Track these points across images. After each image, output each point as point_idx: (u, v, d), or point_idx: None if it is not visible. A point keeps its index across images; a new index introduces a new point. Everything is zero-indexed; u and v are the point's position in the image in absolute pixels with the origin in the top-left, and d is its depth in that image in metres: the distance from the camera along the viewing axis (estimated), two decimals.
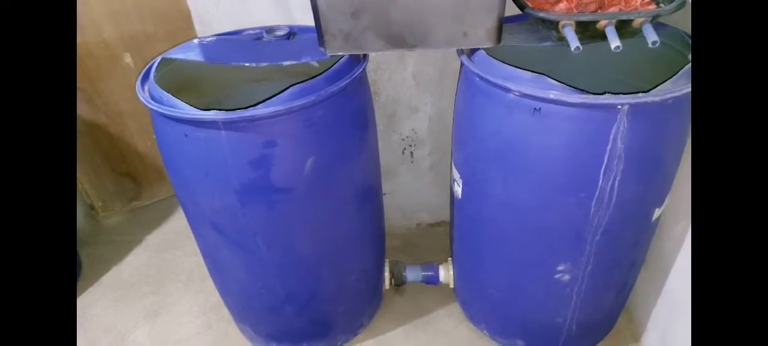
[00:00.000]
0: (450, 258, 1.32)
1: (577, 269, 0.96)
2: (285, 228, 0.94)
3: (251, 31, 1.10)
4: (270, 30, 1.07)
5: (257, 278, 1.04)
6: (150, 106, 0.82)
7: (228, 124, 0.78)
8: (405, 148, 1.44)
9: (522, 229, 0.95)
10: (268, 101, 0.79)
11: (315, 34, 1.05)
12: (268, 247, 0.96)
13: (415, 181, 1.51)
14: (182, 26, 1.54)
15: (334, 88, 0.84)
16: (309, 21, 1.06)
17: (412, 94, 1.32)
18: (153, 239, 1.75)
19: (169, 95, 0.82)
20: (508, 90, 0.81)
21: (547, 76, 0.78)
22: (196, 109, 0.78)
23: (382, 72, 1.28)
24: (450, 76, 1.28)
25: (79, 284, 1.56)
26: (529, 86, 0.78)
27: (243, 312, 1.20)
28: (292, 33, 1.07)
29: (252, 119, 0.78)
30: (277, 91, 0.80)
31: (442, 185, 1.51)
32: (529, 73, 0.79)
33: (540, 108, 0.79)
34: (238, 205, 0.88)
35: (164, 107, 0.80)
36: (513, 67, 0.81)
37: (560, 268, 0.97)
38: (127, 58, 1.58)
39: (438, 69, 1.28)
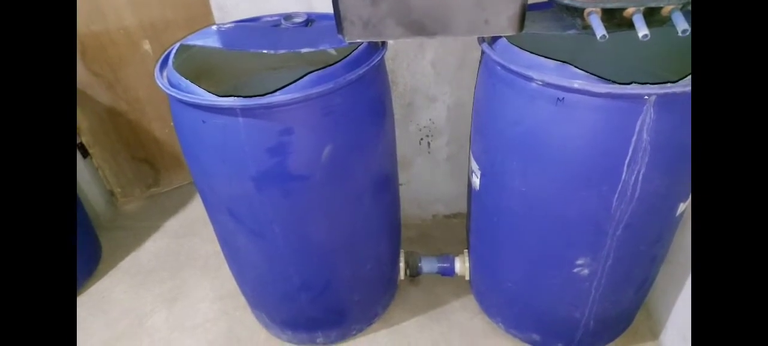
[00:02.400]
0: (466, 250, 1.31)
1: (597, 263, 0.94)
2: (301, 216, 0.94)
3: (269, 18, 1.10)
4: (288, 17, 1.07)
5: (273, 266, 1.04)
6: (168, 92, 0.82)
7: (246, 111, 0.78)
8: (422, 139, 1.43)
9: (541, 221, 0.93)
10: (286, 88, 0.78)
11: (333, 21, 1.05)
12: (284, 234, 0.96)
13: (432, 172, 1.50)
14: (201, 13, 1.55)
15: (352, 76, 0.83)
16: (327, 8, 1.05)
17: (430, 84, 1.30)
18: (171, 225, 1.78)
19: (188, 81, 0.82)
20: (530, 79, 0.79)
21: (572, 64, 0.76)
22: (214, 96, 0.78)
23: (401, 60, 1.27)
24: (469, 66, 1.26)
25: (99, 268, 1.59)
26: (552, 75, 0.76)
27: (258, 299, 1.22)
28: (310, 20, 1.06)
29: (269, 106, 0.78)
30: (295, 79, 0.79)
31: (459, 176, 1.49)
32: (553, 61, 0.77)
33: (563, 98, 0.77)
34: (254, 192, 0.88)
35: (182, 93, 0.80)
36: (535, 56, 0.79)
37: (579, 262, 0.95)
38: (146, 45, 1.59)
39: (457, 58, 1.26)
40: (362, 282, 1.16)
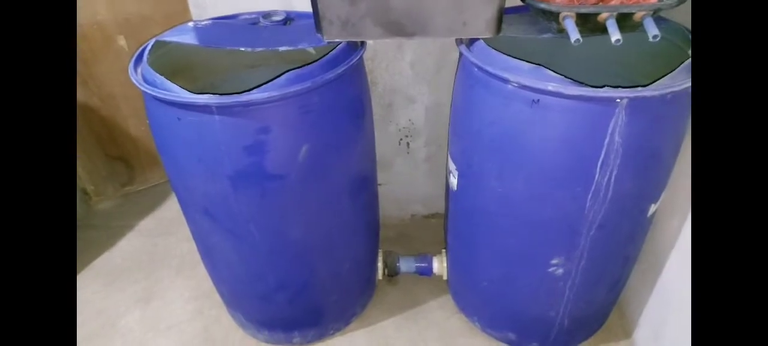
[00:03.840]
0: (444, 250, 1.32)
1: (571, 263, 0.96)
2: (278, 216, 0.93)
3: (247, 16, 1.09)
4: (266, 15, 1.06)
5: (249, 266, 1.03)
6: (143, 88, 0.80)
7: (222, 109, 0.77)
8: (401, 139, 1.43)
9: (516, 221, 0.95)
10: (263, 87, 0.77)
11: (312, 20, 1.04)
12: (261, 234, 0.95)
13: (411, 172, 1.50)
14: (178, 9, 1.52)
15: (331, 75, 0.83)
16: (307, 6, 1.05)
17: (409, 84, 1.31)
18: (145, 224, 1.74)
19: (163, 78, 0.80)
20: (506, 81, 0.80)
21: (546, 67, 0.77)
22: (189, 93, 0.76)
23: (380, 61, 1.27)
24: (448, 67, 1.27)
25: None
26: (527, 77, 0.77)
27: (235, 299, 1.20)
28: (289, 18, 1.05)
29: (247, 105, 0.77)
30: (273, 77, 0.78)
31: (437, 176, 1.50)
32: (528, 64, 0.79)
33: (538, 100, 0.79)
34: (231, 191, 0.87)
35: (157, 90, 0.79)
36: (512, 58, 0.81)
37: (554, 262, 0.97)
38: (121, 41, 1.55)
39: (436, 59, 1.26)
40: (340, 282, 1.16)
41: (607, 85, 0.74)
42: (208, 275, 1.21)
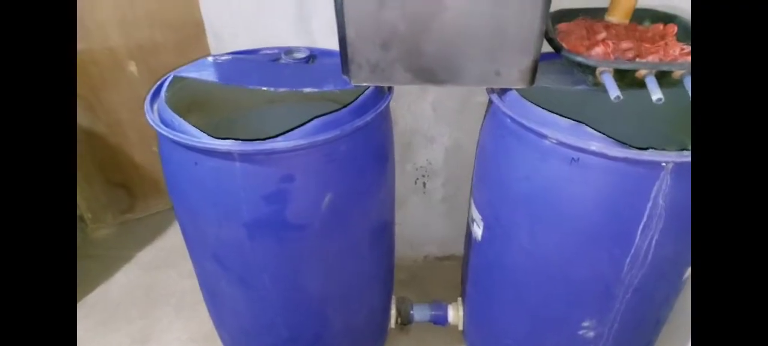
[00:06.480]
0: (460, 298, 1.26)
1: (603, 326, 0.91)
2: (294, 266, 0.88)
3: (269, 51, 1.05)
4: (289, 52, 1.02)
5: (260, 317, 0.97)
6: (158, 130, 0.76)
7: (244, 156, 0.72)
8: (418, 179, 1.39)
9: (548, 280, 0.90)
10: (289, 134, 0.73)
11: (336, 59, 1.00)
12: (275, 285, 0.89)
13: (426, 212, 1.45)
14: (192, 35, 1.49)
15: (360, 122, 0.79)
16: (330, 44, 1.02)
17: (430, 124, 1.27)
18: (144, 255, 1.67)
19: (180, 119, 0.76)
20: (543, 136, 0.76)
21: (587, 124, 0.73)
22: (210, 138, 0.72)
23: (402, 101, 1.23)
24: (470, 109, 1.23)
25: None
26: (567, 135, 0.74)
27: None
28: (312, 56, 1.02)
29: (270, 152, 0.72)
30: (299, 123, 0.74)
31: (453, 218, 1.45)
32: (567, 120, 0.75)
33: (578, 158, 0.75)
34: (245, 239, 0.82)
35: (175, 133, 0.74)
36: (549, 113, 0.77)
37: (585, 324, 0.91)
38: (132, 67, 1.51)
39: (459, 100, 1.23)
40: (353, 333, 1.10)
41: (652, 147, 0.70)
42: (212, 321, 1.14)
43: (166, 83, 0.87)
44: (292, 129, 0.74)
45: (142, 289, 1.52)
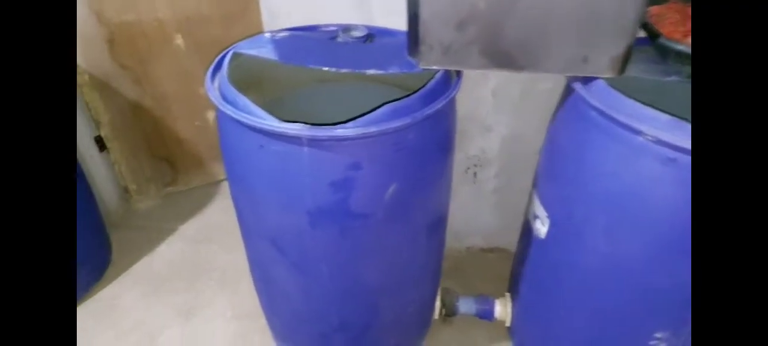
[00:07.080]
0: (508, 293, 1.21)
1: (677, 339, 0.84)
2: (353, 255, 0.84)
3: (326, 29, 1.00)
4: (346, 29, 0.97)
5: (312, 303, 0.94)
6: (224, 109, 0.72)
7: (313, 142, 0.68)
8: (468, 168, 1.33)
9: (622, 286, 0.83)
10: (358, 120, 0.68)
11: (395, 39, 0.95)
12: (332, 273, 0.86)
13: (474, 203, 1.40)
14: (238, 9, 1.46)
15: (430, 110, 0.73)
16: (389, 23, 0.96)
17: (488, 112, 1.20)
18: (187, 229, 1.68)
19: (245, 99, 0.72)
20: (637, 132, 0.69)
21: (687, 120, 0.66)
22: (278, 121, 0.68)
23: (463, 86, 1.16)
24: (533, 97, 1.16)
25: (109, 271, 1.49)
26: (666, 132, 0.66)
27: (288, 333, 1.11)
28: (370, 35, 0.96)
29: (340, 139, 0.68)
30: (366, 108, 0.69)
31: (504, 209, 1.39)
32: (667, 115, 0.67)
33: (675, 159, 0.67)
34: (307, 226, 0.78)
35: (240, 113, 0.70)
36: (646, 106, 0.69)
37: (658, 335, 0.85)
38: (179, 40, 1.49)
39: (521, 88, 1.16)
40: (402, 324, 1.07)
41: None
42: (259, 302, 1.13)
43: (227, 58, 0.84)
44: (361, 115, 0.69)
45: (185, 262, 1.53)
